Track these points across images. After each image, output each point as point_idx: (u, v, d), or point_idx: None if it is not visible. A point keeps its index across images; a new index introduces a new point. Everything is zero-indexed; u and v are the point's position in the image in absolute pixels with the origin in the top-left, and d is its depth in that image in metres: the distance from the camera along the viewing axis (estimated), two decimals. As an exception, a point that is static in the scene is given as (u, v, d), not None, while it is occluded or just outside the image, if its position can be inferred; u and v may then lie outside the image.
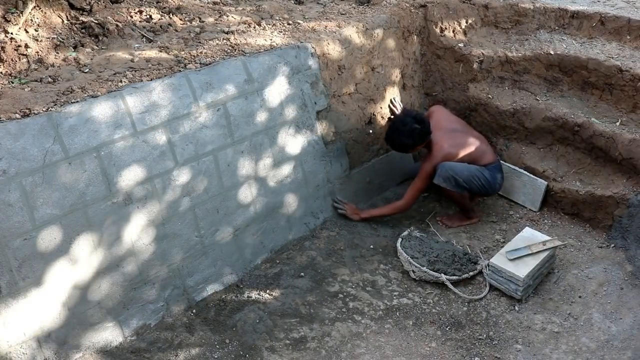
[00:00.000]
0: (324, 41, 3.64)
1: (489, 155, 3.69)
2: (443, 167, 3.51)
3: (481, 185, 3.59)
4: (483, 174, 3.59)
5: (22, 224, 2.52)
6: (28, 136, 2.54)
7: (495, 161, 3.71)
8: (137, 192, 2.87)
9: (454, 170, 3.51)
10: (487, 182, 3.60)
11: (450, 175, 3.50)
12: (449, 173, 3.50)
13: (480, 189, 3.62)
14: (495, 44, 4.17)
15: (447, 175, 3.50)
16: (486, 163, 3.64)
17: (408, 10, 4.15)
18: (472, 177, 3.54)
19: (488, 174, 3.61)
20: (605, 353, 2.84)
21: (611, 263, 3.37)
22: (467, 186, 3.55)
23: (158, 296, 3.00)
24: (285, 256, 3.47)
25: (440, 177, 3.51)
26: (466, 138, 3.68)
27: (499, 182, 3.71)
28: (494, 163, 3.68)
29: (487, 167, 3.63)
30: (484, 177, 3.58)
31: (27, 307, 2.56)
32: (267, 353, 2.87)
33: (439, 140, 3.59)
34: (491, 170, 3.64)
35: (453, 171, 3.51)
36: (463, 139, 3.66)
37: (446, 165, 3.51)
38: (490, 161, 3.67)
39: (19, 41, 3.09)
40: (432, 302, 3.23)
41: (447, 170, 3.50)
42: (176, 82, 3.01)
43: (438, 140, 3.59)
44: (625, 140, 3.44)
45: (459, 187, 3.54)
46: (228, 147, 3.20)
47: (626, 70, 3.54)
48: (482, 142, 3.73)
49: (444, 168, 3.51)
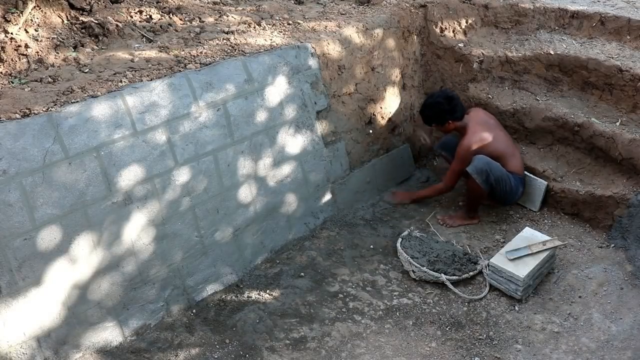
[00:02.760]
0: (324, 41, 3.64)
1: (518, 164, 3.69)
2: (480, 159, 3.52)
3: (506, 191, 3.61)
4: (512, 179, 3.61)
5: (22, 224, 2.52)
6: (28, 136, 2.54)
7: (521, 173, 3.72)
8: (137, 192, 2.87)
9: (490, 165, 3.52)
10: (512, 190, 3.62)
11: (485, 169, 3.50)
12: (484, 166, 3.50)
13: (502, 194, 3.63)
14: (495, 44, 4.17)
15: (481, 168, 3.50)
16: (513, 170, 3.63)
17: (408, 10, 4.15)
18: (502, 178, 3.56)
19: (514, 183, 3.63)
20: (605, 353, 2.84)
21: (611, 263, 3.37)
22: (494, 185, 3.55)
23: (158, 296, 3.00)
24: (285, 256, 3.47)
25: (474, 167, 3.51)
26: (504, 138, 3.71)
27: (519, 195, 3.74)
28: (520, 174, 3.69)
29: (514, 175, 3.63)
30: (512, 184, 3.60)
31: (27, 307, 2.56)
32: (267, 353, 2.87)
33: (475, 126, 3.62)
34: (517, 179, 3.65)
35: (489, 166, 3.51)
36: (502, 137, 3.68)
37: (484, 159, 3.53)
38: (517, 171, 3.67)
39: (19, 41, 3.09)
40: (432, 302, 3.23)
41: (483, 163, 3.51)
42: (176, 82, 3.01)
43: (474, 126, 3.62)
44: (625, 140, 3.44)
45: (487, 184, 3.54)
46: (228, 147, 3.20)
47: (626, 70, 3.54)
48: (516, 148, 3.77)
49: (481, 160, 3.52)
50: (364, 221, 3.80)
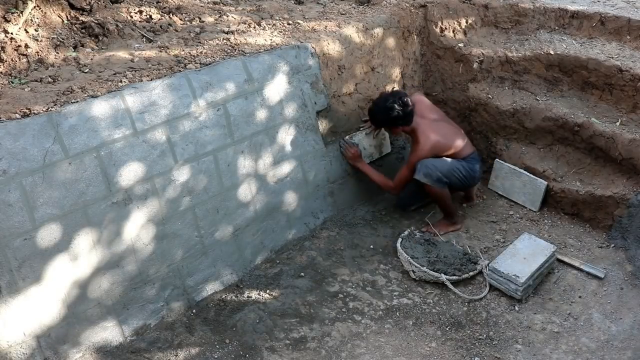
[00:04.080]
0: (324, 41, 3.64)
1: (468, 148, 3.71)
2: (422, 164, 3.52)
3: (462, 178, 3.61)
4: (462, 166, 3.61)
5: (22, 224, 2.52)
6: (28, 136, 2.54)
7: (473, 152, 3.73)
8: (137, 192, 2.87)
9: (434, 165, 3.52)
10: (467, 174, 3.63)
11: (431, 171, 3.50)
12: (428, 169, 3.50)
13: (460, 182, 3.63)
14: (495, 44, 4.17)
15: (427, 171, 3.50)
16: (466, 155, 3.65)
17: (408, 10, 4.15)
18: (451, 170, 3.56)
19: (467, 166, 3.63)
20: (605, 353, 2.84)
21: (611, 263, 3.37)
22: (447, 180, 3.55)
23: (158, 296, 3.00)
24: (285, 256, 3.47)
25: (420, 173, 3.51)
26: (449, 129, 3.70)
27: (479, 172, 3.73)
28: (472, 154, 3.70)
29: (466, 159, 3.65)
30: (464, 169, 3.61)
31: (27, 306, 2.56)
32: (267, 353, 2.87)
33: (425, 130, 3.58)
34: (469, 161, 3.66)
35: (434, 166, 3.51)
36: (447, 129, 3.68)
37: (425, 162, 3.52)
38: (470, 152, 3.69)
39: (19, 41, 3.09)
40: (432, 302, 3.23)
41: (426, 166, 3.51)
42: (176, 82, 3.01)
43: (424, 130, 3.58)
44: (625, 140, 3.44)
45: (439, 183, 3.53)
46: (228, 147, 3.20)
47: (626, 70, 3.53)
48: (462, 134, 3.75)
49: (423, 164, 3.51)
50: (364, 221, 3.80)
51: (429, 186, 3.54)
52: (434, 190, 3.57)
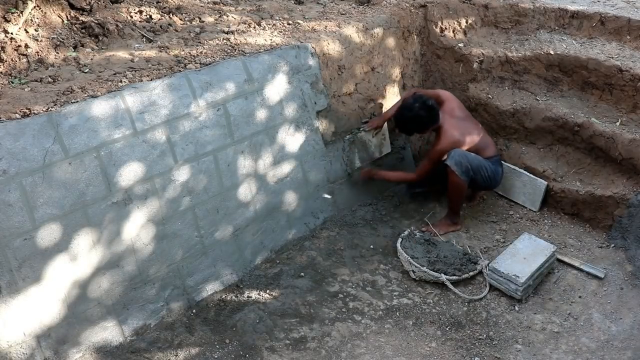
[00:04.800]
0: (324, 41, 3.64)
1: (492, 148, 3.73)
2: (457, 152, 3.53)
3: (487, 177, 3.62)
4: (490, 166, 3.63)
5: (22, 224, 2.52)
6: (28, 136, 2.54)
7: (497, 154, 3.74)
8: (137, 192, 2.87)
9: (467, 156, 3.54)
10: (492, 174, 3.65)
11: (463, 161, 3.51)
12: (462, 158, 3.51)
13: (484, 181, 3.64)
14: (495, 44, 4.17)
15: (459, 160, 3.51)
16: (489, 156, 3.66)
17: (408, 10, 4.15)
18: (481, 167, 3.58)
19: (491, 166, 3.65)
20: (605, 353, 2.84)
21: (611, 263, 3.37)
22: (474, 175, 3.56)
23: (158, 296, 3.00)
24: (285, 256, 3.47)
25: (452, 160, 3.51)
26: (473, 128, 3.71)
27: (500, 176, 3.75)
28: (495, 156, 3.72)
29: (490, 160, 3.66)
30: (490, 169, 3.63)
31: (27, 306, 2.56)
32: (267, 353, 2.87)
33: (449, 127, 3.61)
34: (494, 163, 3.68)
35: (466, 157, 3.53)
36: (471, 128, 3.69)
37: (460, 151, 3.54)
38: (493, 154, 3.70)
39: (19, 41, 3.09)
40: (432, 302, 3.23)
41: (460, 155, 3.52)
42: (176, 82, 3.01)
43: (448, 127, 3.61)
44: (625, 140, 3.44)
45: (466, 175, 3.54)
46: (228, 147, 3.20)
47: (626, 70, 3.54)
48: (486, 135, 3.77)
49: (457, 152, 3.53)
50: (364, 221, 3.80)
51: (453, 174, 3.53)
52: (457, 180, 3.55)
